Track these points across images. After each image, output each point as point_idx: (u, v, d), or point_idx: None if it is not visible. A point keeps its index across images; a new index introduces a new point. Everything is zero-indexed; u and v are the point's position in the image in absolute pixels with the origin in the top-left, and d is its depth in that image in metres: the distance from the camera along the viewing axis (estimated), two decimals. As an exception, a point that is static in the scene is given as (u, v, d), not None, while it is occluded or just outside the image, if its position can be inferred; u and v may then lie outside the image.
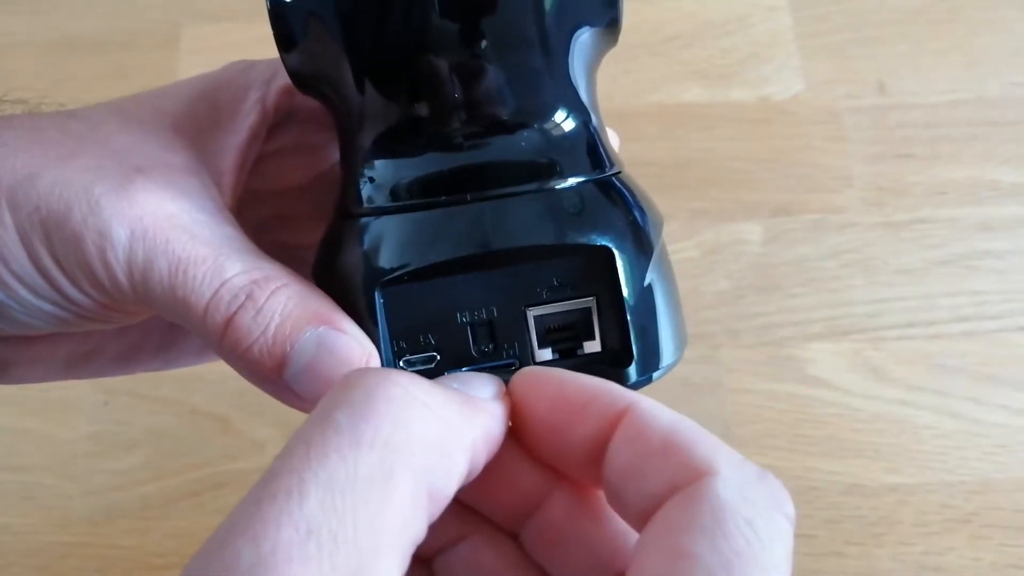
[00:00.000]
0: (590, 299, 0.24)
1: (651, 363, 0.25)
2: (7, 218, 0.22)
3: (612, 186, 0.25)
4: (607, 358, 0.25)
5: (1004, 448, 0.54)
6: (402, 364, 0.24)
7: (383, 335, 0.24)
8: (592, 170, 0.25)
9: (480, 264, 0.23)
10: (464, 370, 0.24)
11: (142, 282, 0.23)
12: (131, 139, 0.25)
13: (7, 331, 0.25)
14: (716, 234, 0.60)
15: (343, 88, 0.24)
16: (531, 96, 0.24)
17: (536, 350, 0.24)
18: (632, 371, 0.24)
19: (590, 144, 0.25)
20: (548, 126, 0.24)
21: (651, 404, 0.20)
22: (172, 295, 0.23)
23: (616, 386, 0.20)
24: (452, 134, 0.24)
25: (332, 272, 0.25)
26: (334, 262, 0.25)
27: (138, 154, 0.24)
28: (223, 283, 0.23)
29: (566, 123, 0.25)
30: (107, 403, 0.56)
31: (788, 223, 0.60)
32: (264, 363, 0.23)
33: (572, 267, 0.24)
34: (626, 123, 0.63)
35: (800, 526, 0.53)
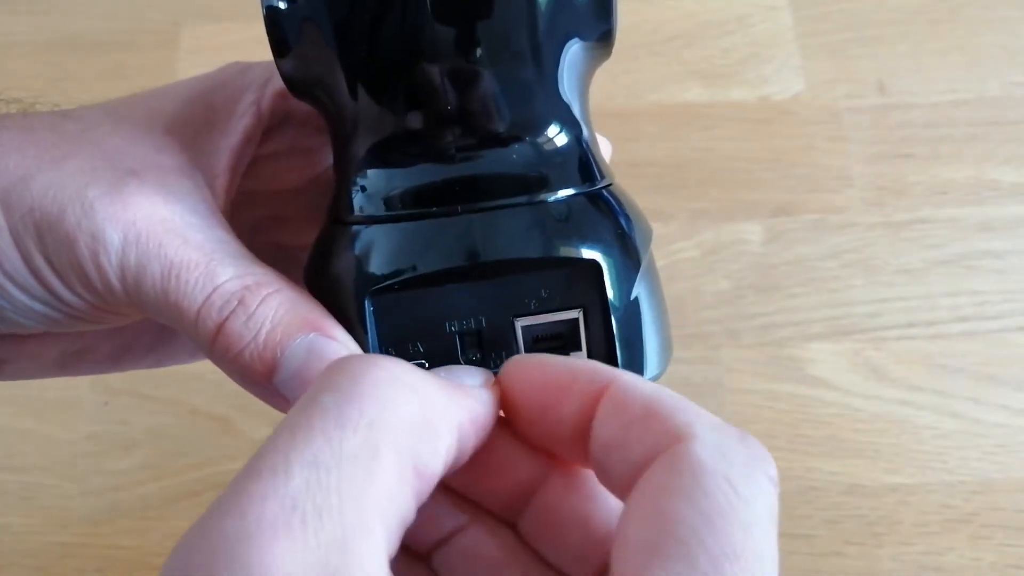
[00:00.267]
0: (577, 311, 0.24)
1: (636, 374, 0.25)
2: (0, 219, 0.22)
3: (602, 199, 0.25)
4: None
5: (1004, 448, 0.54)
6: None
7: (372, 342, 0.24)
8: (582, 183, 0.25)
9: (469, 275, 0.24)
10: None
11: (135, 285, 0.23)
12: (124, 140, 0.25)
13: None
14: (716, 234, 0.60)
15: (337, 95, 0.24)
16: (523, 108, 0.24)
17: None
18: None
19: (581, 157, 0.25)
20: (539, 139, 0.24)
21: (632, 377, 0.20)
22: (164, 299, 0.23)
23: (598, 364, 0.21)
24: (444, 145, 0.24)
25: (323, 279, 0.25)
26: (325, 269, 0.25)
27: (131, 156, 0.24)
28: (215, 288, 0.23)
29: (558, 136, 0.25)
30: (107, 403, 0.56)
31: (788, 223, 0.60)
32: (255, 368, 0.23)
33: (560, 279, 0.24)
34: (626, 123, 0.63)
35: (800, 526, 0.54)
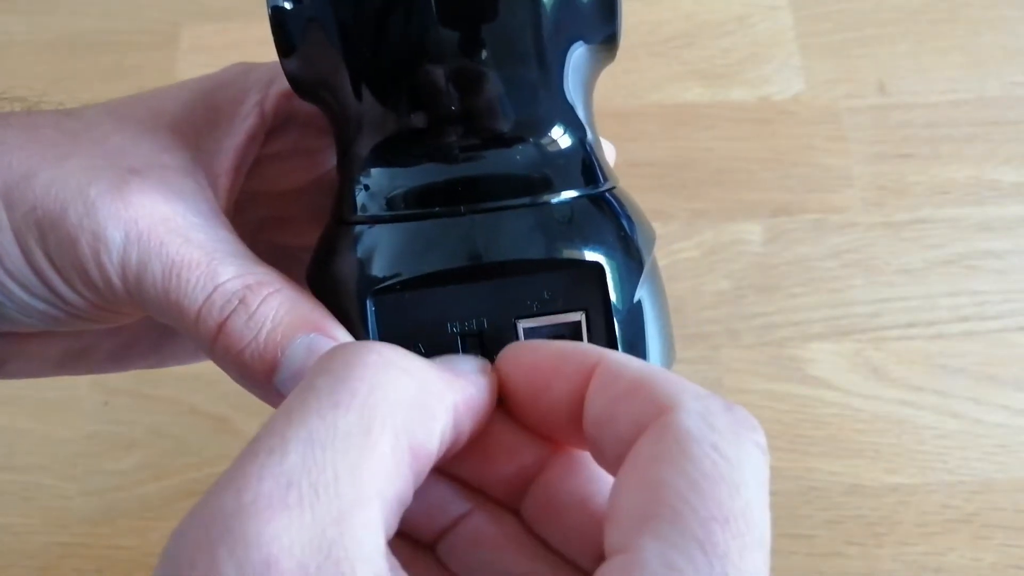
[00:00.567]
0: (580, 313, 0.24)
1: None
2: (2, 216, 0.22)
3: (605, 201, 0.25)
4: None
5: (1005, 448, 0.54)
6: None
7: None
8: (586, 185, 0.25)
9: (472, 276, 0.24)
10: None
11: (136, 284, 0.23)
12: (127, 139, 0.25)
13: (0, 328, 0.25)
14: (716, 234, 0.60)
15: (341, 95, 0.24)
16: (527, 110, 0.24)
17: None
18: None
19: (585, 159, 0.25)
20: (543, 140, 0.24)
21: (620, 355, 0.20)
22: (165, 298, 0.23)
23: (588, 345, 0.21)
24: (448, 145, 0.24)
25: (325, 278, 0.25)
26: (328, 268, 0.25)
27: (134, 155, 0.24)
28: (216, 287, 0.23)
29: (562, 138, 0.25)
30: (107, 403, 0.56)
31: (788, 223, 0.60)
32: (255, 367, 0.23)
33: (563, 281, 0.24)
34: (626, 123, 0.63)
35: (800, 526, 0.54)
